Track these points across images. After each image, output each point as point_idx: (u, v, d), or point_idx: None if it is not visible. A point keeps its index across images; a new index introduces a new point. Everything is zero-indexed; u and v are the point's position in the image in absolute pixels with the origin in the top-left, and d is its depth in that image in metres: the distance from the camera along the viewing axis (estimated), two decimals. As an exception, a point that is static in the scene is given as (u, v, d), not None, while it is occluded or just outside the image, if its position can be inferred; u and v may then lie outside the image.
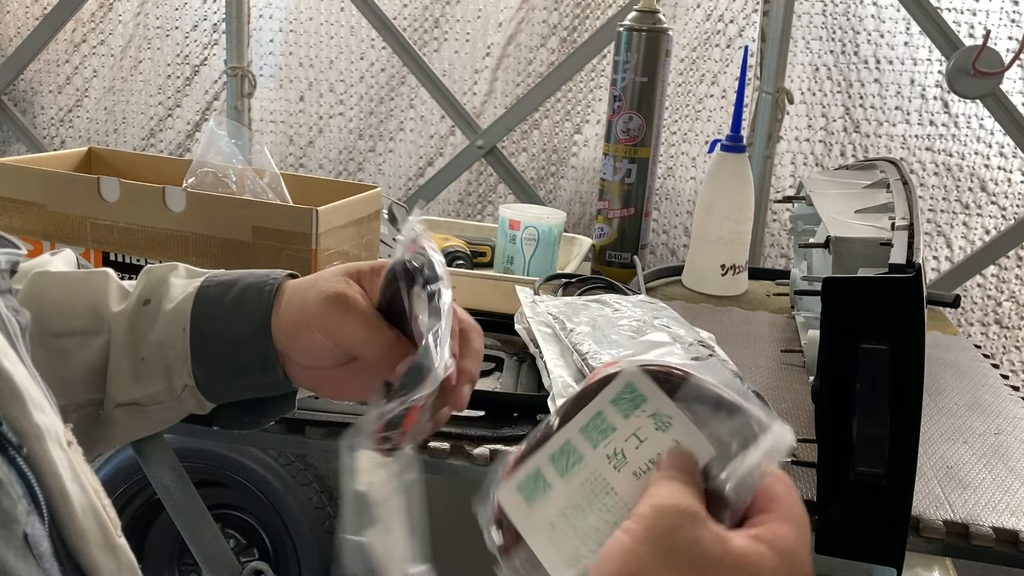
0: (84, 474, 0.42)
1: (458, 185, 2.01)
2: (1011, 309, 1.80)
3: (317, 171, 2.10)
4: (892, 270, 0.67)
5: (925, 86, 1.76)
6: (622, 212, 1.42)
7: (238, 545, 1.89)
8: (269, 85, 2.08)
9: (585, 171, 1.96)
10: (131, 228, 0.96)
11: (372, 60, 2.02)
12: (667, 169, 1.90)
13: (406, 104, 2.03)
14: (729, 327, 1.18)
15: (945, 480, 0.82)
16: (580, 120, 1.94)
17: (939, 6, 1.69)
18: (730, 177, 1.36)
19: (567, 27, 1.91)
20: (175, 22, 2.11)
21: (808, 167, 1.82)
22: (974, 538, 0.74)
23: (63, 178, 0.98)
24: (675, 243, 1.92)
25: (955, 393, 1.03)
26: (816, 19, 1.78)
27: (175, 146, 2.17)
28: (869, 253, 0.83)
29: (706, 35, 1.84)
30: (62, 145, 2.21)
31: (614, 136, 1.41)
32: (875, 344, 0.63)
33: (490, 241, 1.42)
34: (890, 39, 1.75)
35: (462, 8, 1.95)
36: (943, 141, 1.77)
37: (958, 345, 1.21)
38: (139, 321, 0.60)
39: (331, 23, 2.03)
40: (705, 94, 1.86)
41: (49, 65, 2.18)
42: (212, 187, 0.99)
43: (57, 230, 0.98)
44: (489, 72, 1.97)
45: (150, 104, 2.16)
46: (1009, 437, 0.92)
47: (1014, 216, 1.75)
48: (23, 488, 0.37)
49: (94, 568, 0.40)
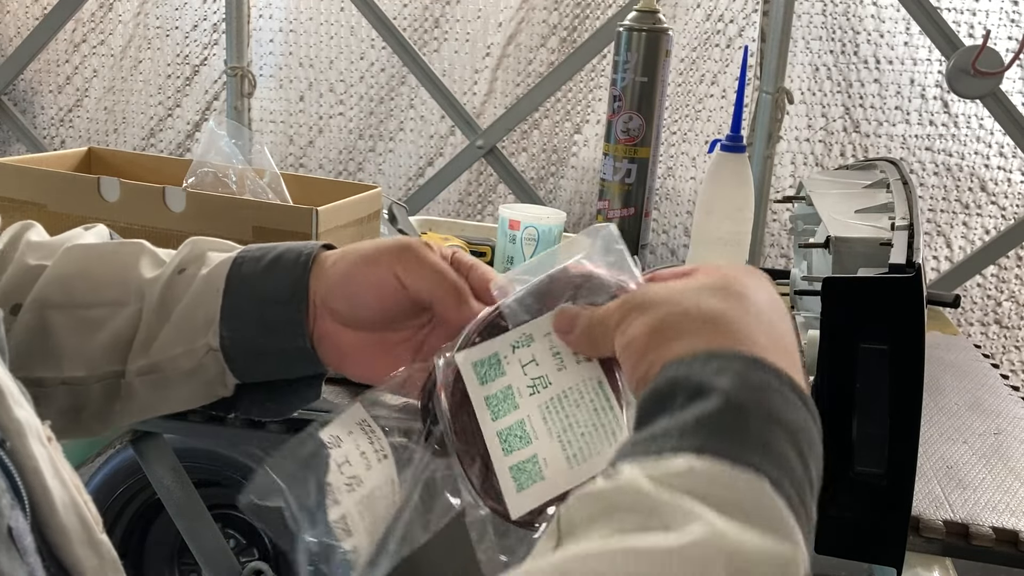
0: (65, 470, 0.42)
1: (458, 185, 2.01)
2: (1011, 309, 1.80)
3: (317, 171, 2.10)
4: (892, 270, 0.67)
5: (925, 86, 1.76)
6: (622, 212, 1.42)
7: (238, 545, 1.89)
8: (269, 85, 2.08)
9: (585, 171, 1.96)
10: (131, 228, 0.96)
11: (372, 60, 2.02)
12: (667, 169, 1.90)
13: (406, 104, 2.03)
14: (729, 327, 1.17)
15: (945, 480, 0.82)
16: (580, 120, 1.94)
17: (939, 6, 1.69)
18: (730, 177, 1.36)
19: (567, 27, 1.91)
20: (175, 22, 2.11)
21: (808, 167, 1.82)
22: (974, 538, 0.74)
23: (63, 178, 0.99)
24: (675, 243, 1.92)
25: (955, 393, 1.03)
26: (816, 19, 1.78)
27: (175, 146, 2.17)
28: (869, 253, 0.83)
29: (706, 35, 1.84)
30: (62, 145, 2.21)
31: (614, 136, 1.41)
32: (875, 344, 0.63)
33: (490, 241, 1.42)
34: (890, 39, 1.75)
35: (462, 8, 1.95)
36: (943, 141, 1.77)
37: (958, 345, 1.21)
38: (172, 288, 0.59)
39: (331, 23, 2.03)
40: (705, 94, 1.86)
41: (49, 65, 2.18)
42: (212, 187, 0.99)
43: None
44: (489, 72, 1.97)
45: (150, 104, 2.16)
46: (1009, 437, 0.92)
47: (1014, 216, 1.75)
48: (6, 482, 0.37)
49: (76, 564, 0.40)
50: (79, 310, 0.59)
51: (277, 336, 0.58)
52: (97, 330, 0.59)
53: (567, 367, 0.48)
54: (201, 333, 0.58)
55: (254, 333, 0.58)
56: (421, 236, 1.32)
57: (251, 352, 0.58)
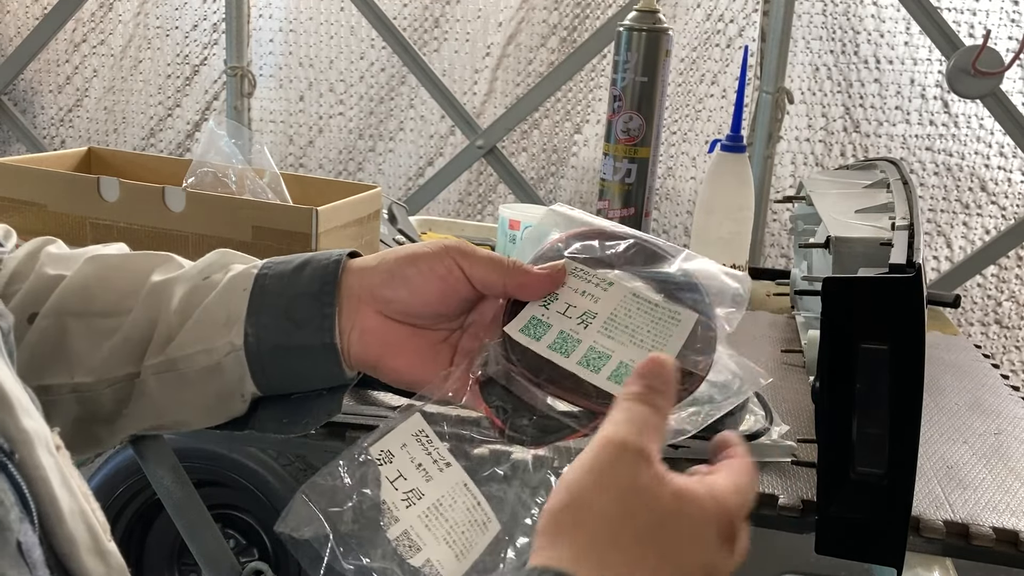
0: (73, 478, 0.42)
1: (458, 185, 2.01)
2: (1011, 309, 1.80)
3: (317, 171, 2.10)
4: (892, 270, 0.67)
5: (925, 86, 1.76)
6: (622, 212, 1.42)
7: (238, 545, 1.89)
8: (269, 85, 2.08)
9: (585, 171, 1.96)
10: (131, 228, 0.96)
11: (372, 60, 2.02)
12: (667, 169, 1.90)
13: (406, 104, 2.03)
14: (729, 327, 1.18)
15: (945, 480, 0.82)
16: (580, 120, 1.94)
17: (939, 6, 1.69)
18: (730, 177, 1.36)
19: (567, 27, 1.91)
20: (175, 22, 2.11)
21: (808, 167, 1.82)
22: (974, 538, 0.74)
23: (63, 178, 0.99)
24: (675, 243, 1.92)
25: (955, 393, 1.03)
26: (816, 19, 1.78)
27: (175, 146, 2.17)
28: (869, 253, 0.83)
29: (706, 35, 1.84)
30: (62, 145, 2.21)
31: (614, 136, 1.41)
32: (875, 344, 0.63)
33: (490, 241, 1.42)
34: (890, 39, 1.75)
35: (462, 8, 1.95)
36: (943, 141, 1.77)
37: (958, 345, 1.21)
38: (196, 292, 0.59)
39: (331, 23, 2.03)
40: (705, 94, 1.86)
41: (49, 65, 2.18)
42: (212, 187, 0.99)
43: (57, 230, 0.98)
44: (489, 72, 1.97)
45: (150, 104, 2.16)
46: (1009, 437, 0.92)
47: (1014, 216, 1.75)
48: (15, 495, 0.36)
49: (83, 573, 0.40)
50: (96, 318, 0.58)
51: (303, 331, 0.57)
52: (110, 336, 0.58)
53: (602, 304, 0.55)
54: (223, 332, 0.57)
55: (281, 329, 0.57)
56: (421, 236, 1.32)
57: (276, 351, 0.57)
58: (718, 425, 0.81)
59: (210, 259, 0.62)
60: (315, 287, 0.57)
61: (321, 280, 0.57)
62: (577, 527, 0.41)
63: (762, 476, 0.79)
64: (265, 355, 0.57)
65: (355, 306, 0.57)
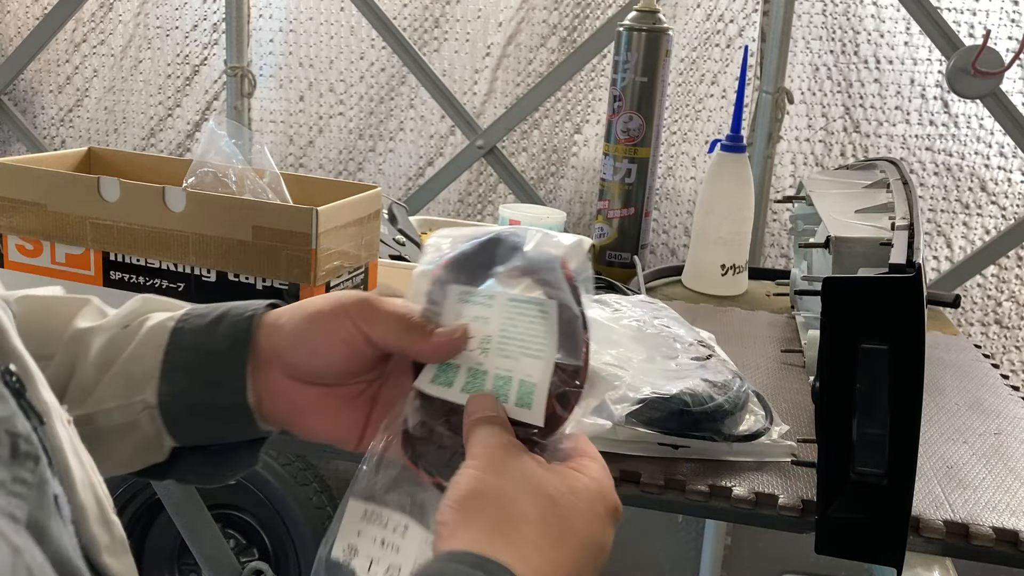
0: (82, 452, 0.43)
1: (458, 185, 2.01)
2: (1011, 309, 1.80)
3: (317, 171, 2.10)
4: (892, 270, 0.67)
5: (925, 86, 1.76)
6: (622, 212, 1.42)
7: (238, 545, 1.89)
8: (269, 85, 2.08)
9: (585, 171, 1.96)
10: (131, 228, 0.96)
11: (372, 60, 2.02)
12: (667, 169, 1.90)
13: (406, 104, 2.03)
14: (729, 327, 1.18)
15: (945, 480, 0.82)
16: (580, 120, 1.94)
17: (939, 6, 1.69)
18: (730, 177, 1.36)
19: (567, 27, 1.92)
20: (175, 22, 2.11)
21: (808, 167, 1.82)
22: (974, 538, 0.74)
23: (63, 178, 0.98)
24: (675, 243, 1.92)
25: (955, 393, 1.03)
26: (816, 19, 1.78)
27: (175, 146, 2.17)
28: (869, 253, 0.83)
29: (706, 35, 1.84)
30: (62, 145, 2.21)
31: (614, 136, 1.41)
32: (875, 344, 0.63)
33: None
34: (890, 39, 1.75)
35: (462, 8, 1.95)
36: (943, 141, 1.77)
37: (958, 345, 1.21)
38: (115, 342, 0.59)
39: (331, 23, 2.03)
40: (705, 94, 1.86)
41: (49, 65, 2.18)
42: (212, 187, 0.99)
43: (57, 230, 0.98)
44: (489, 72, 1.97)
45: (150, 104, 2.16)
46: (1009, 437, 0.92)
47: (1014, 216, 1.75)
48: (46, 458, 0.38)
49: (91, 541, 0.41)
50: None
51: (216, 392, 0.57)
52: None
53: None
54: (139, 388, 0.57)
55: (193, 389, 0.57)
56: (421, 236, 1.32)
57: (189, 409, 0.57)
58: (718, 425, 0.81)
59: (131, 307, 0.61)
60: (226, 346, 0.57)
61: (232, 339, 0.57)
62: (482, 512, 0.45)
63: (762, 476, 0.79)
64: (179, 413, 0.57)
65: (264, 368, 0.57)
